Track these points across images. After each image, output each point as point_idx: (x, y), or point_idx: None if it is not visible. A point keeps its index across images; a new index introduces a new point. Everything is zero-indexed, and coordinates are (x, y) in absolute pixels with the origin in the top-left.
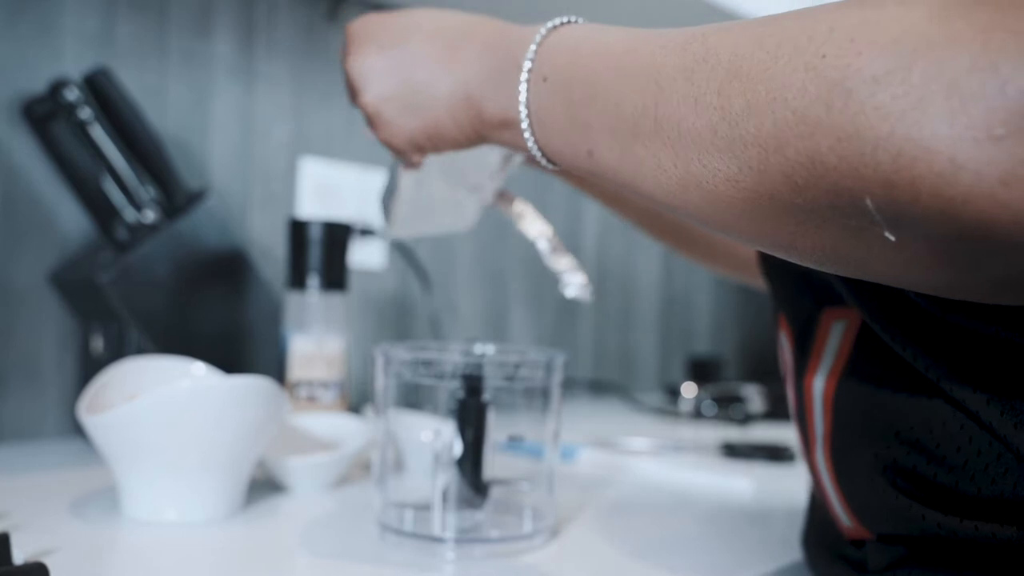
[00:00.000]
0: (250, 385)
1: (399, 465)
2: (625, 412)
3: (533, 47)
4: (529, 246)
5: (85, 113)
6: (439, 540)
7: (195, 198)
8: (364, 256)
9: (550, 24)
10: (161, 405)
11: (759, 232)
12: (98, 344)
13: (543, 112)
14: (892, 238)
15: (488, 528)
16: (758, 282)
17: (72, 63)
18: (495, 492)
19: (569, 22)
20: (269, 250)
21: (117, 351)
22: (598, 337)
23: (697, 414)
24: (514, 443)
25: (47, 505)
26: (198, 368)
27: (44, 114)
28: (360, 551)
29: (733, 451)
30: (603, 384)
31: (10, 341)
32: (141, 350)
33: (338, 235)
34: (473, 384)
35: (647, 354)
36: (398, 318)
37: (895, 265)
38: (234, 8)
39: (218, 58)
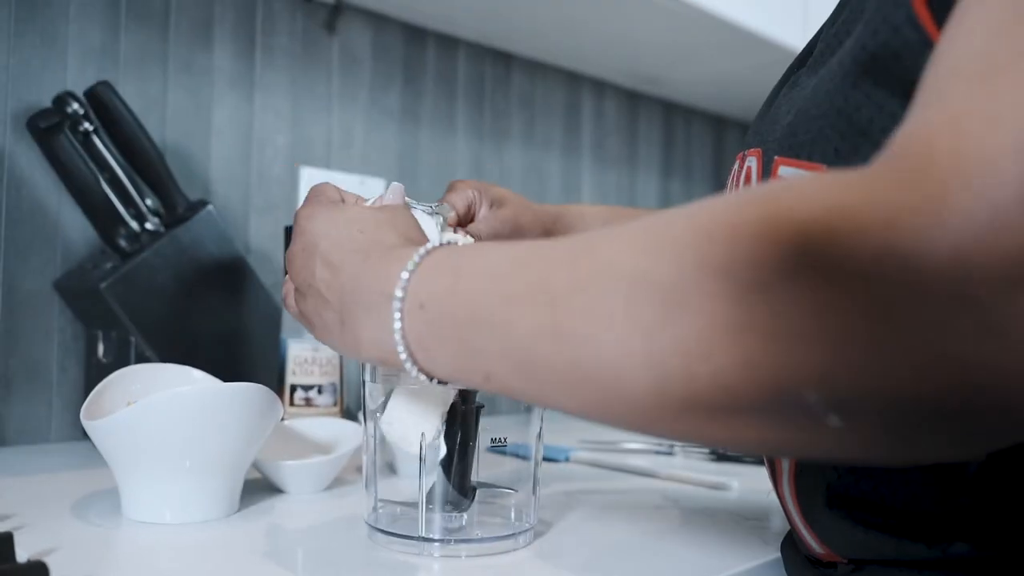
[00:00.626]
0: (244, 391)
1: (391, 468)
2: None
3: (404, 275)
4: None
5: (87, 125)
6: (425, 540)
7: (195, 207)
8: None
9: (422, 250)
10: (158, 410)
11: (690, 434)
12: (101, 350)
13: (422, 341)
14: (834, 424)
15: (473, 528)
16: None
17: (75, 75)
18: (481, 494)
19: (440, 247)
20: (268, 257)
21: (120, 357)
22: None
23: None
24: (497, 445)
25: (50, 506)
26: (196, 375)
27: (48, 126)
28: (349, 551)
29: (722, 453)
30: None
31: (16, 347)
32: (143, 355)
33: None
34: (465, 390)
35: None
36: None
37: (841, 445)
38: (234, 20)
39: (218, 69)
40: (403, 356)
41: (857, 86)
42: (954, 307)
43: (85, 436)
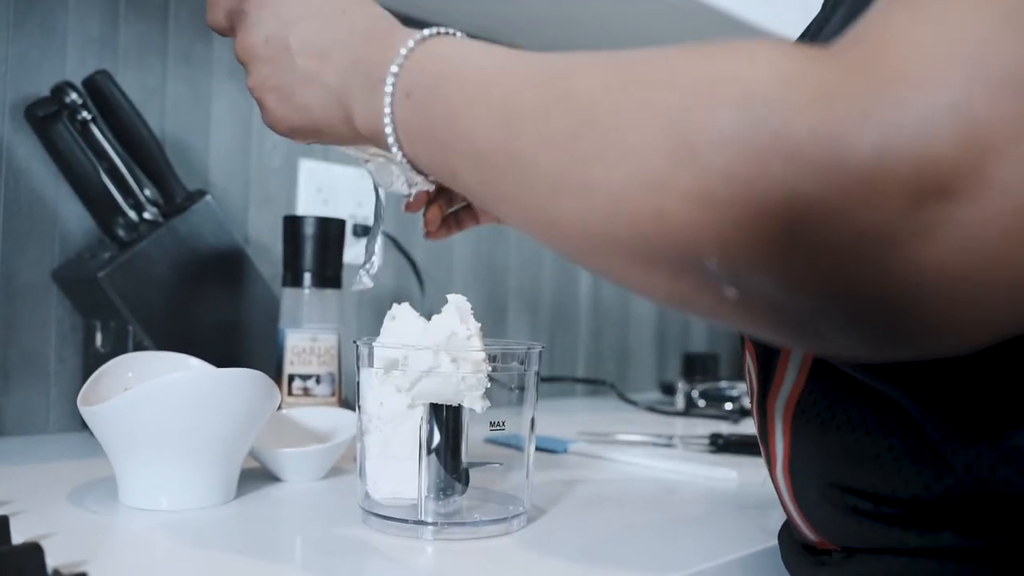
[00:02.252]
0: (240, 377)
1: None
2: (619, 409)
3: (399, 61)
4: (527, 242)
5: (85, 114)
6: (420, 524)
7: (193, 197)
8: (361, 251)
9: (418, 36)
10: (154, 396)
11: (612, 274)
12: (99, 340)
13: (407, 127)
14: (731, 296)
15: (467, 513)
16: None
17: (74, 66)
18: (475, 479)
19: (440, 34)
20: (267, 249)
21: (118, 347)
22: (595, 336)
23: (688, 409)
24: (496, 430)
25: (47, 493)
26: (193, 363)
27: (46, 115)
28: (345, 536)
29: (721, 444)
30: (598, 381)
31: (14, 336)
32: (141, 345)
33: (332, 231)
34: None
35: (644, 353)
36: None
37: (739, 319)
38: None
39: (217, 60)
40: (391, 140)
41: None
42: (857, 210)
43: (83, 426)
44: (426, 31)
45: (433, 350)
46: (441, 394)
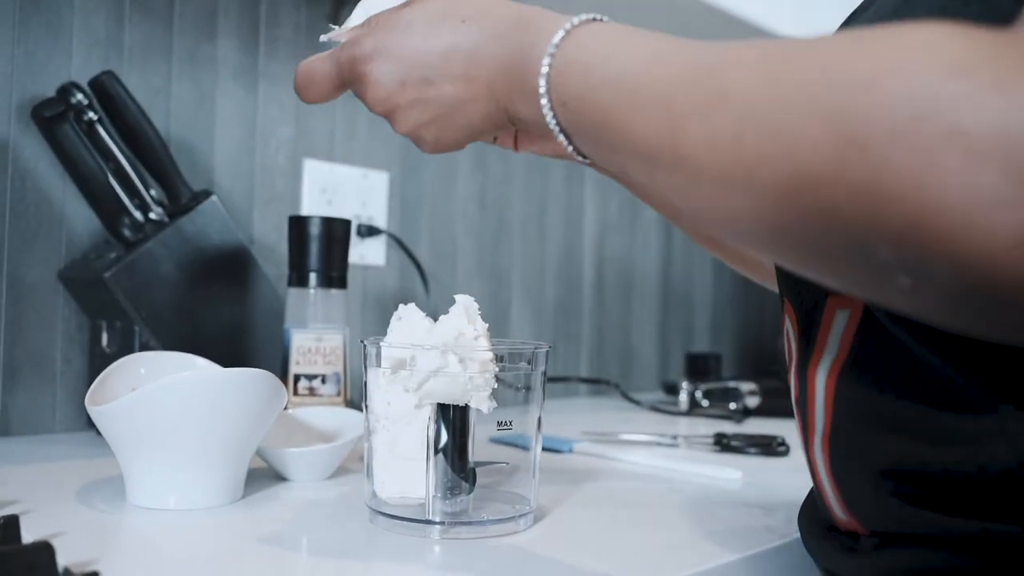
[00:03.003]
0: (248, 377)
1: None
2: (623, 409)
3: (544, 71)
4: (531, 243)
5: (91, 115)
6: (427, 523)
7: (199, 197)
8: (365, 251)
9: (556, 38)
10: (162, 396)
11: (780, 259)
12: (105, 340)
13: (572, 130)
14: (905, 285)
15: (474, 512)
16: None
17: (80, 66)
18: (481, 478)
19: (577, 26)
20: (272, 249)
21: (124, 347)
22: (598, 335)
23: (692, 409)
24: (503, 429)
25: (55, 493)
26: (200, 363)
27: (52, 116)
28: (352, 535)
29: (726, 444)
30: (601, 381)
31: (20, 337)
32: (147, 345)
33: (338, 231)
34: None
35: (647, 352)
36: None
37: (911, 305)
38: (238, 11)
39: (222, 60)
40: (561, 139)
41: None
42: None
43: (89, 426)
44: (561, 30)
45: (441, 350)
46: (448, 394)
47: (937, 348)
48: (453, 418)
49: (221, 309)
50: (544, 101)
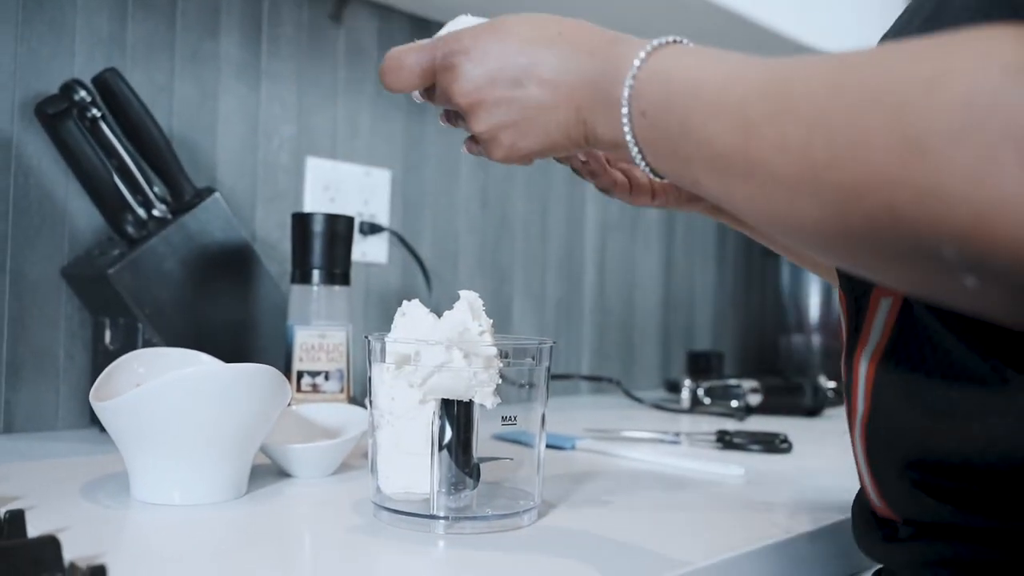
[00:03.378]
0: (252, 372)
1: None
2: (624, 406)
3: (629, 81)
4: (532, 241)
5: (95, 112)
6: (431, 518)
7: (202, 194)
8: (368, 249)
9: (642, 52)
10: (167, 391)
11: (846, 263)
12: (108, 337)
13: (647, 143)
14: (971, 284)
15: (478, 508)
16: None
17: (83, 64)
18: (486, 474)
19: (661, 45)
20: (275, 246)
21: (127, 344)
22: (600, 333)
23: (694, 406)
24: (508, 424)
25: (59, 488)
26: (204, 359)
27: (56, 113)
28: (356, 531)
29: (728, 441)
30: (603, 379)
31: (23, 334)
32: (150, 342)
33: (341, 228)
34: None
35: (648, 351)
36: None
37: (977, 304)
38: (240, 9)
39: (224, 58)
40: (635, 153)
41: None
42: None
43: (92, 423)
44: (648, 46)
45: (445, 345)
46: (453, 390)
47: (959, 331)
48: (457, 414)
49: (224, 306)
50: (625, 111)
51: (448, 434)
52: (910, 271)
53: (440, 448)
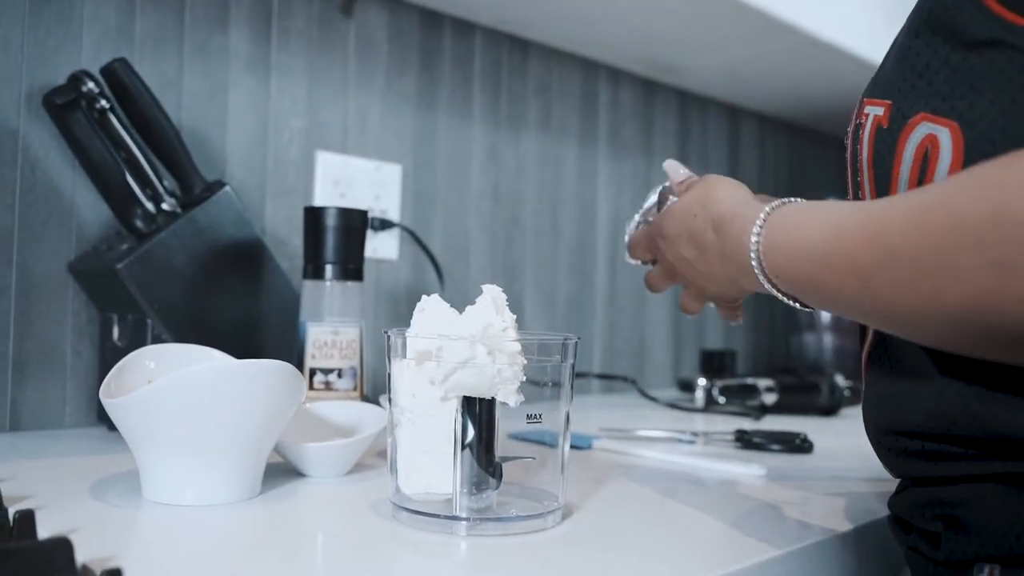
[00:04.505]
0: (268, 368)
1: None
2: (638, 405)
3: (754, 255)
4: (544, 238)
5: (104, 103)
6: (453, 519)
7: (212, 187)
8: (378, 245)
9: (757, 229)
10: (180, 388)
11: (965, 352)
12: (116, 333)
13: (788, 292)
14: None
15: (500, 508)
16: None
17: (90, 56)
18: (508, 474)
19: (776, 208)
20: (285, 242)
21: (135, 340)
22: (611, 332)
23: (708, 406)
24: (533, 422)
25: (68, 488)
26: (216, 355)
27: (64, 103)
28: (375, 532)
29: (747, 441)
30: (618, 377)
31: (29, 330)
32: (159, 338)
33: (354, 222)
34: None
35: (660, 349)
36: (412, 308)
37: None
38: (250, 2)
39: (234, 51)
40: (783, 298)
41: (919, 36)
42: None
43: (100, 421)
44: (761, 216)
45: (469, 341)
46: (476, 387)
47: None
48: (479, 412)
49: (234, 302)
50: (761, 278)
51: (470, 433)
52: (1013, 352)
53: (463, 447)
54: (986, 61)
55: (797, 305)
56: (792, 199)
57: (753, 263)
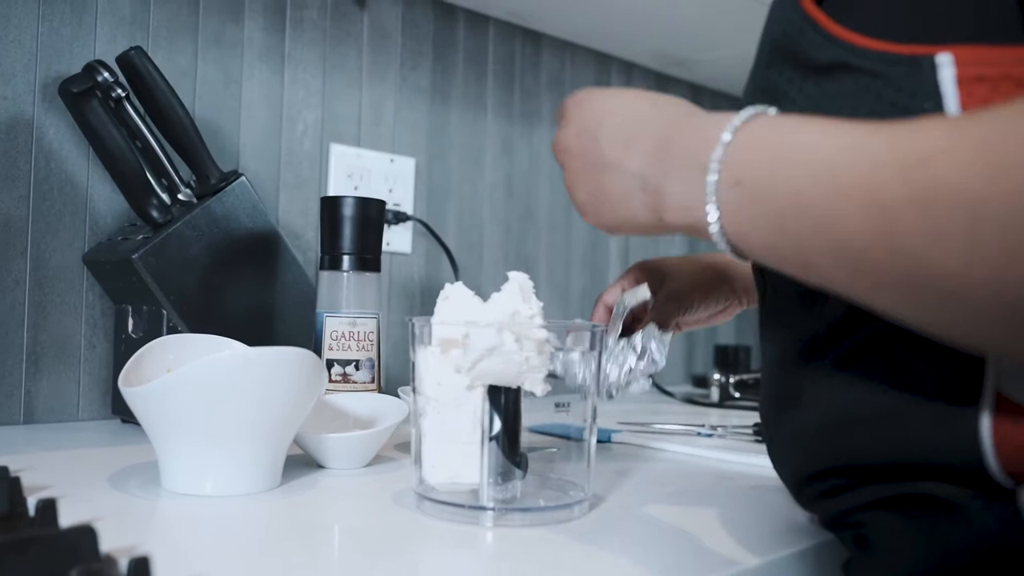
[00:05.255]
0: (290, 356)
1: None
2: (653, 400)
3: (720, 149)
4: (557, 232)
5: (119, 91)
6: (478, 509)
7: (228, 177)
8: (392, 238)
9: (738, 120)
10: (200, 376)
11: (996, 352)
12: (131, 325)
13: (739, 216)
14: None
15: (526, 499)
16: None
17: (105, 46)
18: (534, 465)
19: (758, 115)
20: (299, 235)
21: (151, 332)
22: None
23: (724, 400)
24: (561, 411)
25: (87, 478)
26: (235, 346)
27: (80, 92)
28: (400, 522)
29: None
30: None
31: (43, 323)
32: (174, 330)
33: (372, 213)
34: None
35: (673, 344)
36: (425, 301)
37: None
38: None
39: (249, 42)
40: (714, 229)
41: (770, 66)
42: None
43: (115, 414)
44: (744, 113)
45: (497, 328)
46: (503, 375)
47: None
48: (505, 401)
49: (250, 293)
50: (712, 178)
51: (496, 422)
52: None
53: (490, 437)
54: (836, 85)
55: (727, 247)
56: (772, 110)
57: (712, 166)
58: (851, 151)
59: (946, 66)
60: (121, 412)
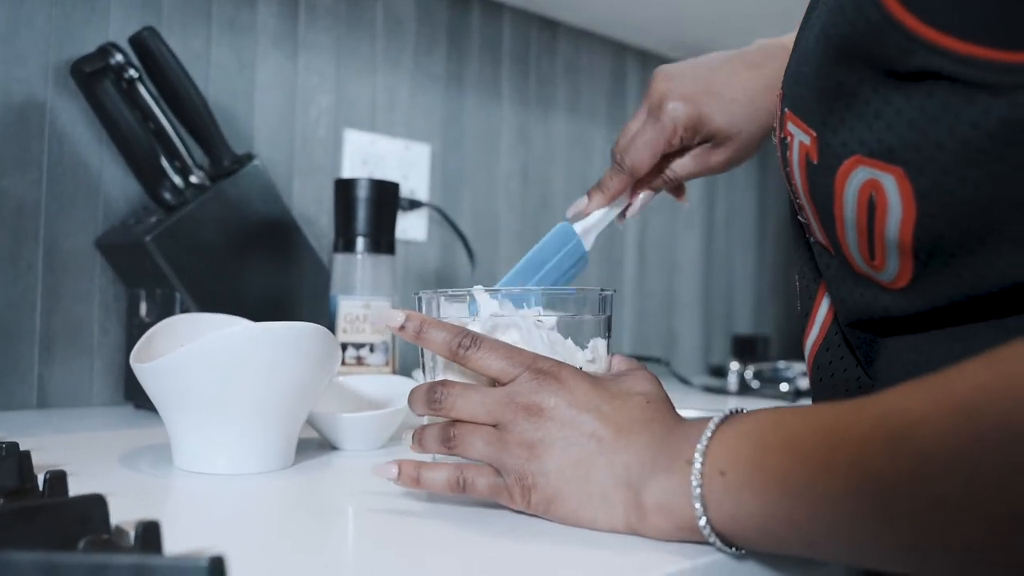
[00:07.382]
0: (304, 331)
1: None
2: (672, 388)
3: (704, 441)
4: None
5: (132, 72)
6: None
7: (241, 160)
8: (407, 226)
9: (717, 418)
10: (213, 351)
11: None
12: (144, 309)
13: (722, 504)
14: None
15: None
16: None
17: (117, 29)
18: None
19: (733, 414)
20: (312, 221)
21: (163, 315)
22: (640, 318)
23: (742, 390)
24: None
25: (99, 457)
26: (247, 324)
27: (92, 72)
28: (416, 502)
29: None
30: (651, 359)
31: (56, 307)
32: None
33: (386, 195)
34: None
35: (690, 335)
36: (440, 288)
37: None
38: None
39: (262, 26)
40: (702, 522)
41: (839, 63)
42: None
43: (128, 399)
44: (720, 415)
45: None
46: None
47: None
48: None
49: (264, 276)
50: (697, 466)
51: None
52: None
53: None
54: (924, 94)
55: (712, 535)
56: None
57: (697, 458)
58: (832, 430)
59: None
60: (134, 397)
